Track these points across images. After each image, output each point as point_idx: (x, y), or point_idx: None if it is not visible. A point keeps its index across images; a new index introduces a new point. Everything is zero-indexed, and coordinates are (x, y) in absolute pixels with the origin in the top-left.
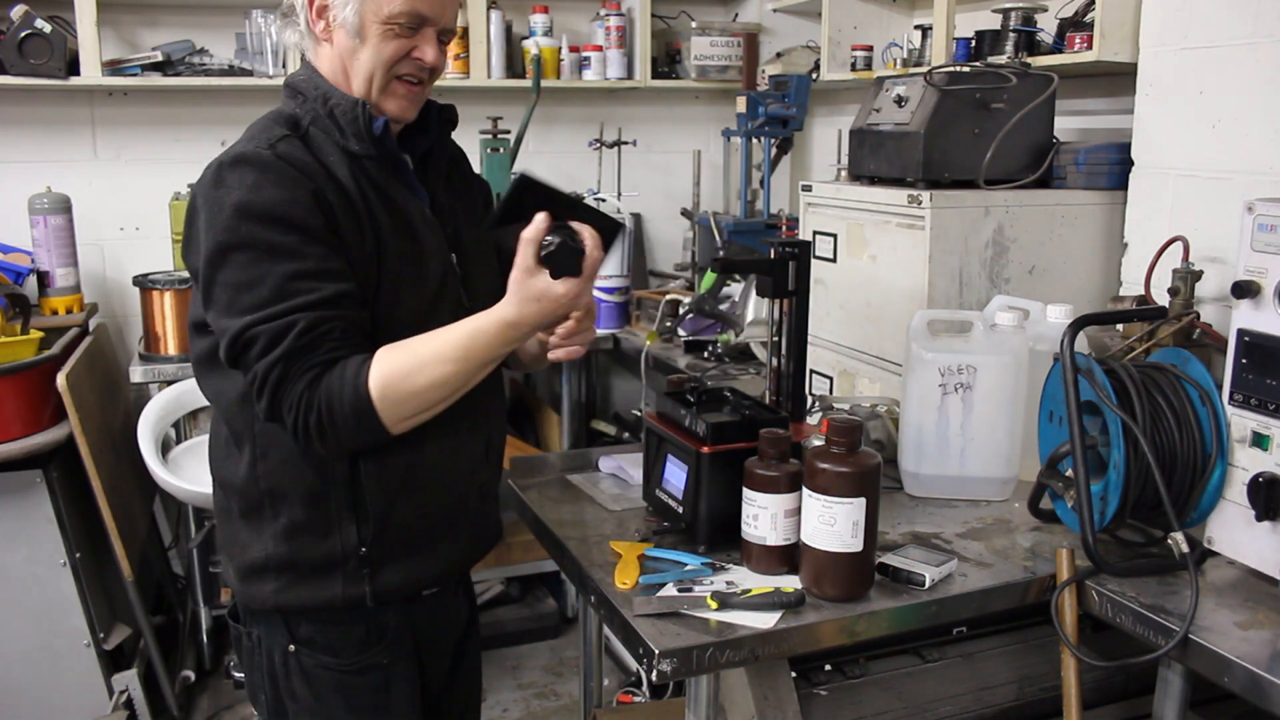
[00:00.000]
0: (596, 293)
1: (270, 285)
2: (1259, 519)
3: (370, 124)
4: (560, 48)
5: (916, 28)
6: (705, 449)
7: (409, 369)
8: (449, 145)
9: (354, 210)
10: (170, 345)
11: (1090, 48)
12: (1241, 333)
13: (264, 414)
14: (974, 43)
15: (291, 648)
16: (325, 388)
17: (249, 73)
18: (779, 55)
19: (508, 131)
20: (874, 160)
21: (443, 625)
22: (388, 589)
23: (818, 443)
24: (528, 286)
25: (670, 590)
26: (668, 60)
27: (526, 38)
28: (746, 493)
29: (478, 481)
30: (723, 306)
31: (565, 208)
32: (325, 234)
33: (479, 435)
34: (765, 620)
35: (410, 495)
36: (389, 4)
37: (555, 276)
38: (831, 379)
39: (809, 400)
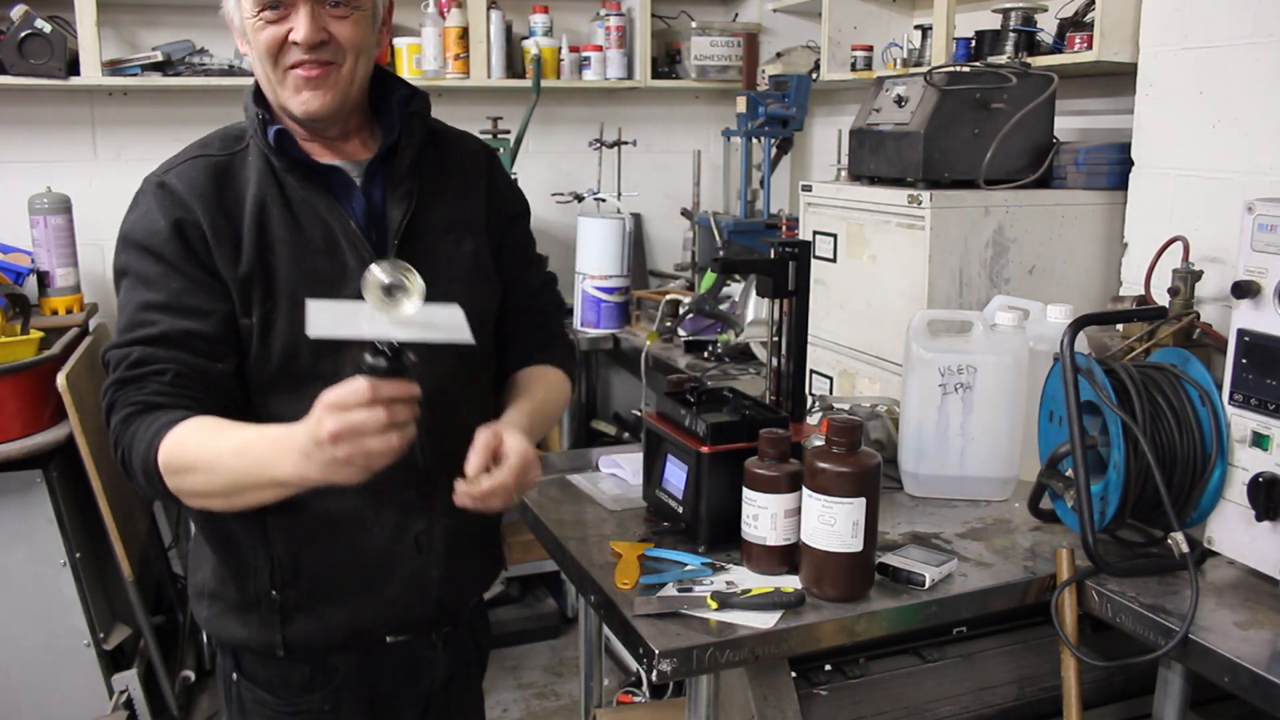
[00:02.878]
0: (597, 292)
1: (127, 313)
2: (1259, 519)
3: (264, 132)
4: (560, 48)
5: (916, 28)
6: (705, 449)
7: (195, 449)
8: (416, 138)
9: (234, 234)
10: None
11: (1090, 48)
12: (1241, 333)
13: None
14: (974, 43)
15: (235, 677)
16: (132, 431)
17: (249, 73)
18: (779, 55)
19: (508, 132)
20: (874, 160)
21: (408, 678)
22: (301, 640)
23: (818, 443)
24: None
25: (670, 590)
26: (668, 60)
27: (526, 38)
28: (746, 493)
29: (411, 532)
30: (723, 306)
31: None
32: (187, 266)
33: (413, 482)
34: (765, 620)
35: (320, 543)
36: None
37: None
38: (831, 379)
39: (809, 400)
